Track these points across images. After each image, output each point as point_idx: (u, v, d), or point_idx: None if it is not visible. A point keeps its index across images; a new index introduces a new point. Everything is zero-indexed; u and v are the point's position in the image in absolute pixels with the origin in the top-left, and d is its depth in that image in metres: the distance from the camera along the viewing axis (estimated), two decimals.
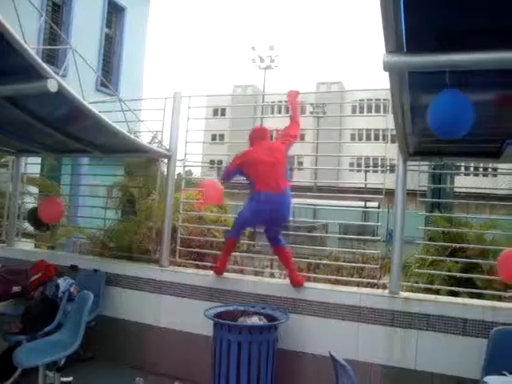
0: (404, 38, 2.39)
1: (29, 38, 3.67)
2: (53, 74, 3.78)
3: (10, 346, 4.70)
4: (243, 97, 46.75)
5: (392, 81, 2.69)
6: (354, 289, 4.84)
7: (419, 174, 5.18)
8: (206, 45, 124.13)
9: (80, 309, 4.31)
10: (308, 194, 6.50)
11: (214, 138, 39.87)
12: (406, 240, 4.68)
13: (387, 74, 2.58)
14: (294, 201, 5.13)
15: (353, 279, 5.26)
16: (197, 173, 7.77)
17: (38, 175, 8.03)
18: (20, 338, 4.58)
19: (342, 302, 4.55)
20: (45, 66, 3.75)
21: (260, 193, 4.56)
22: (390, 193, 4.80)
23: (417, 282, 5.00)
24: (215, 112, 43.20)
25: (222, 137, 39.26)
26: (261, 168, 4.59)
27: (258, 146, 4.78)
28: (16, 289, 4.49)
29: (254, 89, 49.83)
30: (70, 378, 4.60)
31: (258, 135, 4.91)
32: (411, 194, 4.93)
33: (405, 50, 2.46)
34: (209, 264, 5.65)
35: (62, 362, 4.19)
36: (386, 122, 4.83)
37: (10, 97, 4.41)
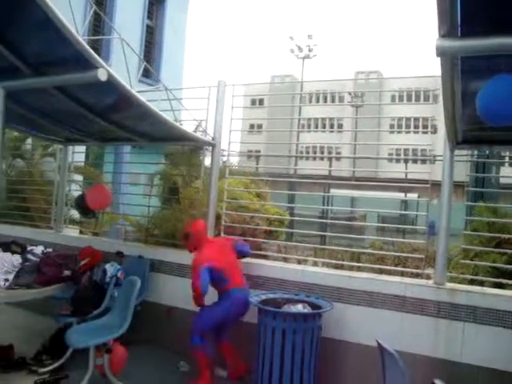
0: (459, 21, 2.35)
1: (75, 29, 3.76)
2: (102, 63, 3.86)
3: (61, 327, 4.89)
4: (281, 87, 46.66)
5: (444, 66, 2.64)
6: (398, 278, 4.79)
7: (466, 164, 5.08)
8: (245, 34, 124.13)
9: (127, 293, 4.41)
10: (348, 182, 6.43)
11: (251, 127, 39.94)
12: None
13: (437, 59, 2.54)
14: (333, 191, 5.09)
15: (397, 269, 5.20)
16: (234, 162, 7.78)
17: (83, 164, 8.22)
18: (70, 320, 4.77)
19: (386, 291, 4.51)
20: (95, 55, 3.83)
21: (233, 290, 4.61)
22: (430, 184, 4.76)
23: (462, 274, 4.92)
24: (253, 102, 43.25)
25: (259, 126, 39.31)
26: (227, 266, 4.68)
27: (211, 245, 4.85)
28: (66, 273, 4.62)
29: (292, 79, 49.61)
30: None
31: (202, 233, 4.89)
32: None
33: (459, 34, 2.42)
34: (252, 252, 5.69)
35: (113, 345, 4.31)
36: (429, 110, 4.75)
37: (60, 86, 4.53)
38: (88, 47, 3.77)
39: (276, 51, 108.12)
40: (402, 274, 5.03)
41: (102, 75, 3.82)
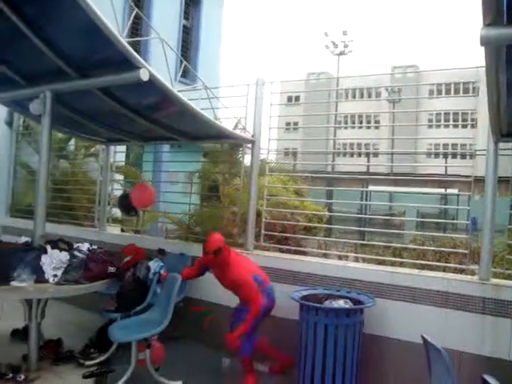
0: (505, 9, 2.30)
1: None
2: (144, 63, 3.94)
3: (107, 322, 5.02)
4: (316, 84, 46.36)
5: (488, 56, 2.59)
6: (441, 274, 4.72)
7: (511, 158, 4.96)
8: (280, 31, 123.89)
9: (169, 290, 4.50)
10: (389, 177, 6.37)
11: (287, 125, 39.89)
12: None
13: (481, 50, 2.48)
14: (372, 188, 5.06)
15: (440, 264, 5.12)
16: (272, 159, 7.81)
17: (123, 163, 8.39)
18: (115, 316, 4.91)
19: (428, 286, 4.45)
20: (137, 56, 3.92)
21: (267, 288, 4.61)
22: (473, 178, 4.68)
23: (507, 269, 4.81)
24: (289, 99, 43.14)
25: (295, 124, 39.20)
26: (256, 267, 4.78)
27: (234, 253, 4.72)
28: (111, 269, 4.72)
29: (327, 76, 49.28)
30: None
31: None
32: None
33: (504, 22, 2.37)
34: (293, 248, 5.71)
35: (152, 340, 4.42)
36: (469, 103, 4.66)
37: (103, 87, 4.65)
38: (130, 49, 3.87)
39: (311, 48, 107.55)
40: (444, 269, 4.96)
41: (144, 75, 3.91)
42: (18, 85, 5.15)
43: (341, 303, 4.31)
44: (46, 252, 4.52)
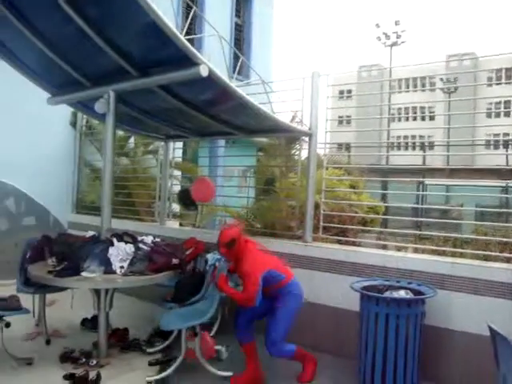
0: None
1: None
2: (203, 59, 4.03)
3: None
4: (368, 77, 45.73)
5: None
6: (505, 265, 4.62)
7: None
8: (331, 25, 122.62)
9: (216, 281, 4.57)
10: (447, 167, 6.26)
11: (340, 118, 39.53)
12: None
13: None
14: (428, 181, 4.97)
15: (503, 255, 5.01)
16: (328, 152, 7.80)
17: (180, 159, 8.58)
18: (171, 306, 5.05)
19: (491, 278, 4.36)
20: (197, 53, 4.02)
21: (293, 282, 4.42)
22: None
23: None
24: (341, 92, 42.72)
25: (348, 117, 38.81)
26: (275, 262, 4.50)
27: (252, 246, 4.49)
28: (174, 261, 4.88)
29: (379, 68, 48.48)
30: (219, 347, 4.94)
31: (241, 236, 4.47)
32: None
33: None
34: (351, 239, 5.70)
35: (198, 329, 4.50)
36: None
37: (163, 85, 4.79)
38: (190, 46, 3.97)
39: (362, 41, 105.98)
40: (508, 260, 4.85)
41: (203, 71, 4.01)
42: (83, 86, 5.38)
43: (401, 293, 4.30)
44: (112, 245, 4.73)
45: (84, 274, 4.43)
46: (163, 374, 4.40)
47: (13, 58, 5.41)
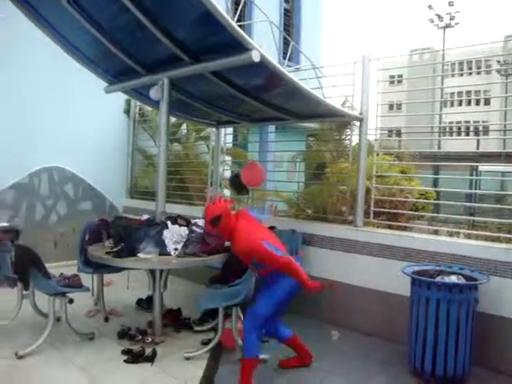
0: None
1: None
2: (255, 45, 4.08)
3: None
4: (420, 61, 44.57)
5: None
6: None
7: None
8: (381, 8, 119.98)
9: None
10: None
11: (390, 103, 38.76)
12: None
13: None
14: (482, 167, 4.82)
15: None
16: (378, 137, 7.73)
17: (230, 145, 8.68)
18: (216, 287, 5.15)
19: None
20: (249, 38, 4.07)
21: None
22: None
23: None
24: (391, 77, 41.77)
25: (398, 103, 38.01)
26: (273, 238, 4.09)
27: (245, 221, 4.09)
28: (227, 243, 4.99)
29: (431, 51, 47.14)
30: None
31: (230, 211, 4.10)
32: None
33: None
34: (403, 224, 5.65)
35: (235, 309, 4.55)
36: None
37: (214, 71, 4.88)
38: (242, 32, 4.03)
39: (414, 23, 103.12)
40: None
41: (255, 56, 4.06)
42: (138, 74, 5.54)
43: (453, 279, 4.24)
44: (167, 227, 4.88)
45: (140, 255, 4.60)
46: (201, 351, 4.53)
47: (71, 48, 5.61)
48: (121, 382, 3.96)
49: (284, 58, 7.85)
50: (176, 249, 4.73)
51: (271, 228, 5.96)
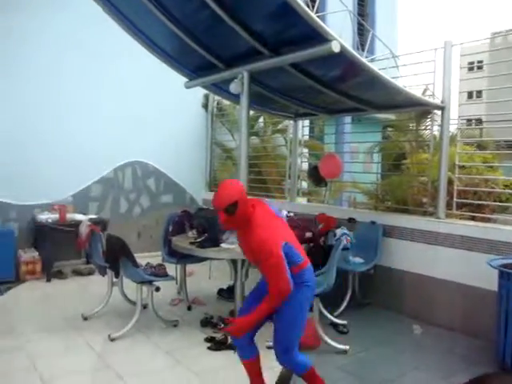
0: None
1: None
2: (334, 35, 4.06)
3: None
4: (503, 43, 42.32)
5: None
6: None
7: None
8: None
9: (334, 254, 4.64)
10: None
11: (469, 92, 37.13)
12: None
13: None
14: None
15: None
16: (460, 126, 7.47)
17: (307, 137, 8.69)
18: None
19: None
20: (328, 29, 4.05)
21: (309, 268, 3.20)
22: None
23: None
24: (470, 63, 39.99)
25: (478, 92, 36.34)
26: (293, 238, 3.21)
27: (264, 212, 3.11)
28: (308, 234, 5.03)
29: None
30: (345, 322, 5.06)
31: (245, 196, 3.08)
32: None
33: None
34: (488, 216, 5.46)
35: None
36: None
37: (293, 63, 4.89)
38: (321, 23, 4.02)
39: (494, 5, 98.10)
40: None
41: (335, 47, 4.04)
42: (218, 68, 5.65)
43: None
44: None
45: (223, 245, 4.73)
46: None
47: (151, 45, 5.77)
48: (205, 367, 4.09)
49: (358, 48, 7.78)
50: None
51: (350, 220, 5.95)
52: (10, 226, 7.11)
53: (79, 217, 7.08)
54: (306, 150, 8.62)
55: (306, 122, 8.38)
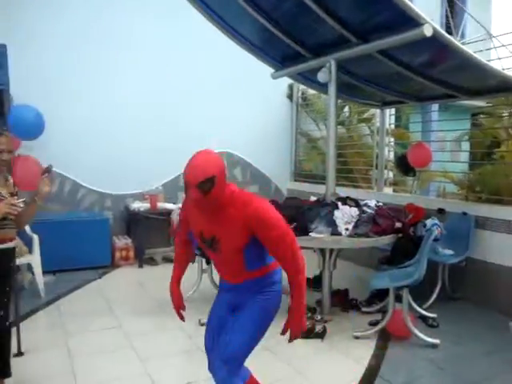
0: None
1: None
2: (427, 18, 3.91)
3: None
4: None
5: None
6: None
7: None
8: None
9: (423, 246, 4.52)
10: None
11: None
12: None
13: None
14: None
15: None
16: None
17: (392, 126, 8.48)
18: (385, 268, 5.12)
19: None
20: (419, 12, 3.91)
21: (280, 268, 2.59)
22: None
23: None
24: None
25: None
26: None
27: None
28: (397, 225, 4.92)
29: None
30: (435, 315, 4.92)
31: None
32: None
33: None
34: None
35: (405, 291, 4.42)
36: None
37: (381, 50, 4.78)
38: (413, 6, 3.88)
39: None
40: None
41: (427, 31, 3.89)
42: (304, 58, 5.63)
43: None
44: (337, 208, 4.95)
45: (312, 234, 4.73)
46: (369, 332, 4.57)
47: (236, 35, 5.83)
48: (295, 354, 4.14)
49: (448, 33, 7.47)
50: (347, 229, 4.78)
51: (440, 211, 5.76)
52: (106, 215, 7.50)
53: (169, 206, 7.34)
54: (392, 139, 8.44)
55: (392, 111, 8.18)
